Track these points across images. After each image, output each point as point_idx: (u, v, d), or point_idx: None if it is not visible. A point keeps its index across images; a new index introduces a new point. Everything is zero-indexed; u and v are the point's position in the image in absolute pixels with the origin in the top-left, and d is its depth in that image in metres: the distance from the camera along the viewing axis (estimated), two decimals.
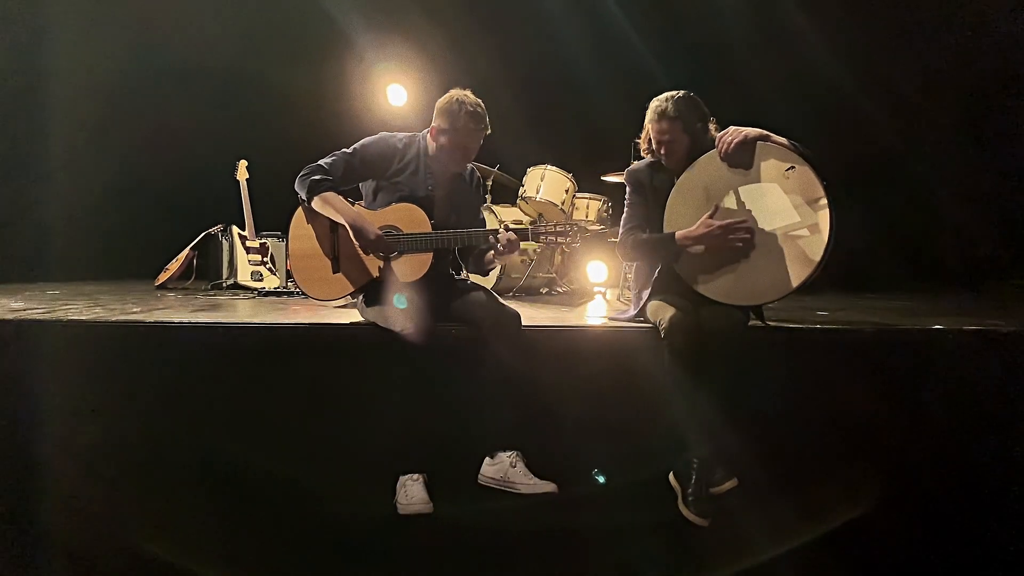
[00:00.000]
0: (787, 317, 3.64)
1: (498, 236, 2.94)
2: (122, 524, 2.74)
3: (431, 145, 3.11)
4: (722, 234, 2.95)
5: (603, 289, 5.62)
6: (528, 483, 2.72)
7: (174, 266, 5.69)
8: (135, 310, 3.39)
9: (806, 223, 2.90)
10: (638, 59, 6.68)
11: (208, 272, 5.94)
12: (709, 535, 2.79)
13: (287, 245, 3.07)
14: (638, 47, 6.76)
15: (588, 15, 7.08)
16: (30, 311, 3.24)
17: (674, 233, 3.05)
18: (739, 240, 2.94)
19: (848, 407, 3.08)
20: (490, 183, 6.14)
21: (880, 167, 6.94)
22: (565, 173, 5.56)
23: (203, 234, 5.83)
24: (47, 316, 3.07)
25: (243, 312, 3.53)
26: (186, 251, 5.77)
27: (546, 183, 5.49)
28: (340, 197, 2.98)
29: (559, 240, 3.06)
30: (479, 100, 3.07)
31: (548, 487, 2.72)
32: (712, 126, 3.18)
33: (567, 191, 5.52)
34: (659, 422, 2.99)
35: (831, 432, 3.08)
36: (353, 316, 3.17)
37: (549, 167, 5.53)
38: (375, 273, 3.00)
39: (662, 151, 3.15)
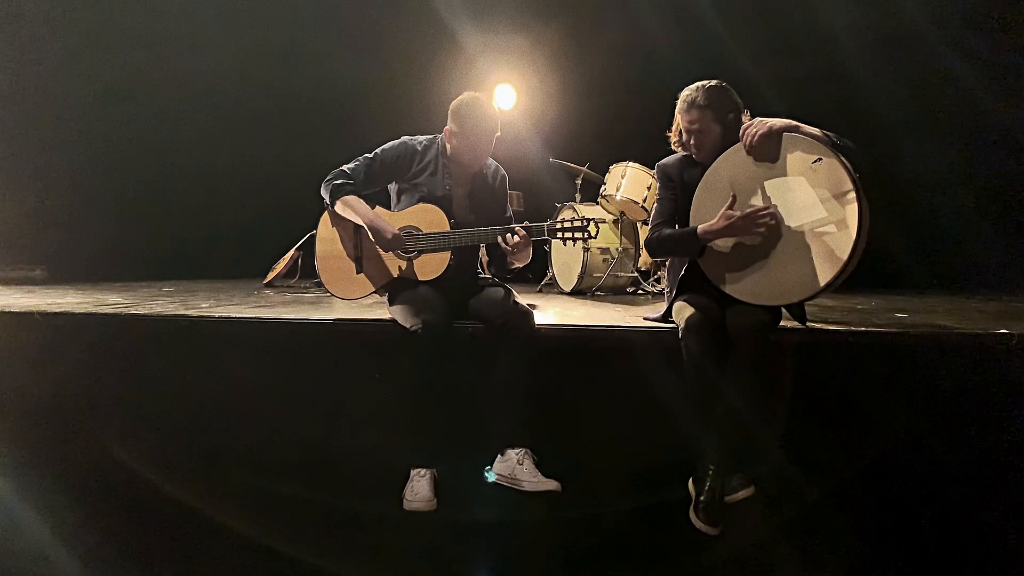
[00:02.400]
0: (853, 320, 3.43)
1: (510, 237, 2.96)
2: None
3: (451, 148, 3.19)
4: (744, 224, 2.80)
5: None
6: (532, 480, 2.71)
7: (280, 265, 6.10)
8: (203, 305, 3.70)
9: (833, 218, 2.71)
10: (734, 58, 6.48)
11: (312, 271, 6.32)
12: (719, 545, 2.70)
13: (315, 248, 3.23)
14: (733, 47, 6.55)
15: (689, 14, 6.92)
16: (117, 306, 3.62)
17: (696, 227, 2.94)
18: (763, 228, 2.78)
19: (887, 416, 2.87)
20: (579, 181, 6.16)
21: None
22: (648, 170, 5.45)
23: (308, 235, 6.21)
24: (119, 311, 3.40)
25: (305, 310, 3.73)
26: (292, 251, 6.17)
27: (627, 180, 5.42)
28: (361, 200, 3.10)
29: (576, 236, 3.03)
30: (490, 102, 3.13)
31: (550, 485, 2.70)
32: (745, 119, 3.05)
33: (649, 188, 5.41)
34: (679, 425, 2.92)
35: (866, 441, 2.88)
36: (378, 312, 3.30)
37: (631, 164, 5.45)
38: (395, 272, 3.11)
39: (692, 142, 3.05)
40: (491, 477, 2.79)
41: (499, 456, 2.82)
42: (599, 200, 5.63)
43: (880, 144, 6.69)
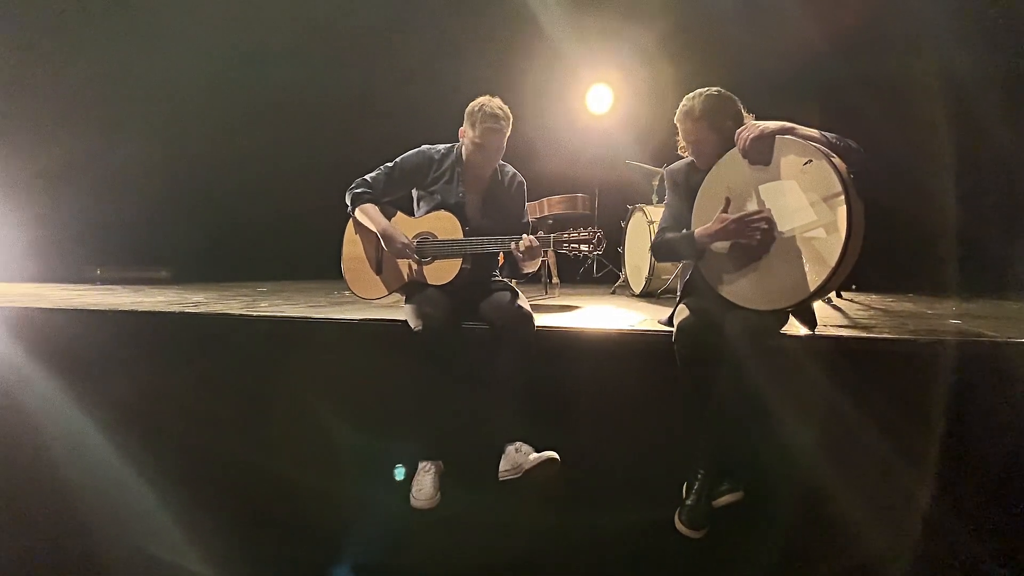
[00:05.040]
0: (887, 324, 3.30)
1: (519, 244, 3.07)
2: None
3: (464, 152, 3.35)
4: (737, 228, 2.78)
5: None
6: (529, 460, 2.79)
7: None
8: (263, 305, 4.05)
9: (822, 221, 2.64)
10: (825, 61, 6.27)
11: None
12: (699, 549, 2.72)
13: (341, 250, 3.48)
14: (825, 51, 6.33)
15: (779, 18, 6.74)
16: (190, 304, 4.04)
17: (693, 232, 2.95)
18: (757, 231, 2.75)
19: (890, 427, 2.76)
20: (656, 183, 6.15)
21: None
22: None
23: None
24: (183, 309, 3.81)
25: (341, 310, 3.90)
26: None
27: None
28: (376, 209, 3.34)
29: (581, 248, 3.08)
30: (503, 105, 3.26)
31: (547, 455, 2.78)
32: (748, 121, 3.01)
33: None
34: (674, 430, 2.94)
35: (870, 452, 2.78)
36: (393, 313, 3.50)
37: None
38: (410, 276, 3.31)
39: (690, 151, 3.07)
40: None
41: (503, 455, 2.91)
42: (663, 202, 5.60)
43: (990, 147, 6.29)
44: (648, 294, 5.56)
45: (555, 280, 5.69)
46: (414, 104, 7.78)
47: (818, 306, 4.60)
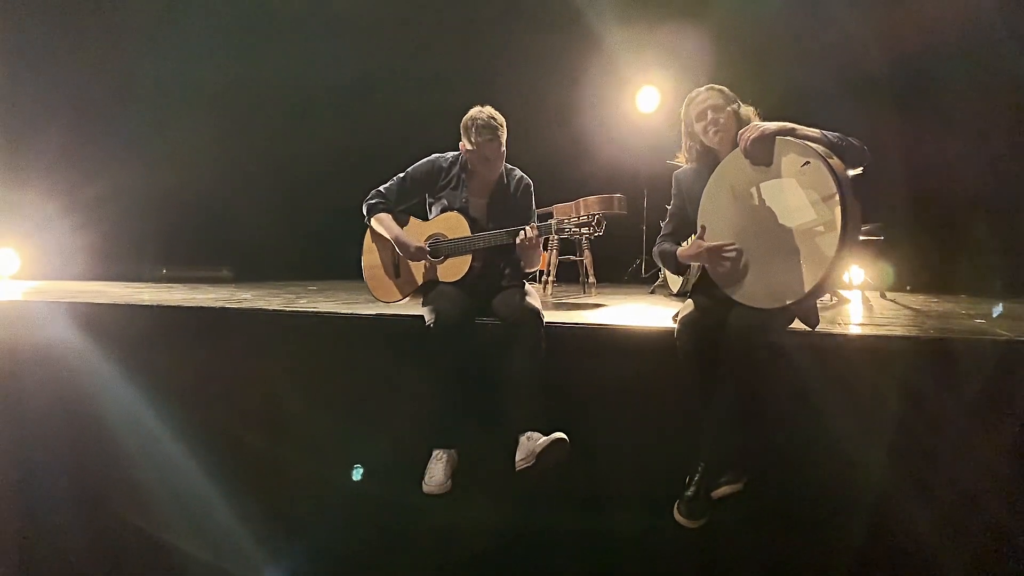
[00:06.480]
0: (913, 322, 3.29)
1: (517, 236, 3.20)
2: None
3: (468, 161, 3.50)
4: (710, 255, 2.90)
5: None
6: (538, 444, 2.90)
7: None
8: (302, 301, 4.28)
9: (822, 220, 2.68)
10: (871, 67, 6.19)
11: None
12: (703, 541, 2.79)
13: (360, 259, 3.69)
14: (873, 54, 6.25)
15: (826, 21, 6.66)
16: (234, 301, 4.30)
17: (676, 250, 3.09)
18: (725, 261, 2.87)
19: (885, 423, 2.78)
20: None
21: None
22: None
23: None
24: (217, 304, 4.05)
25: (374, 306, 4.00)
26: None
27: None
28: (390, 217, 3.54)
29: (583, 231, 3.19)
30: (494, 113, 3.38)
31: (554, 436, 2.88)
32: (754, 114, 3.06)
33: None
34: (683, 424, 3.00)
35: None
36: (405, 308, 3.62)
37: None
38: (425, 276, 3.49)
39: (712, 130, 3.03)
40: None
41: (517, 447, 3.00)
42: None
43: None
44: (685, 293, 5.57)
45: (591, 280, 5.78)
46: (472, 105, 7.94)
47: (853, 305, 4.59)
